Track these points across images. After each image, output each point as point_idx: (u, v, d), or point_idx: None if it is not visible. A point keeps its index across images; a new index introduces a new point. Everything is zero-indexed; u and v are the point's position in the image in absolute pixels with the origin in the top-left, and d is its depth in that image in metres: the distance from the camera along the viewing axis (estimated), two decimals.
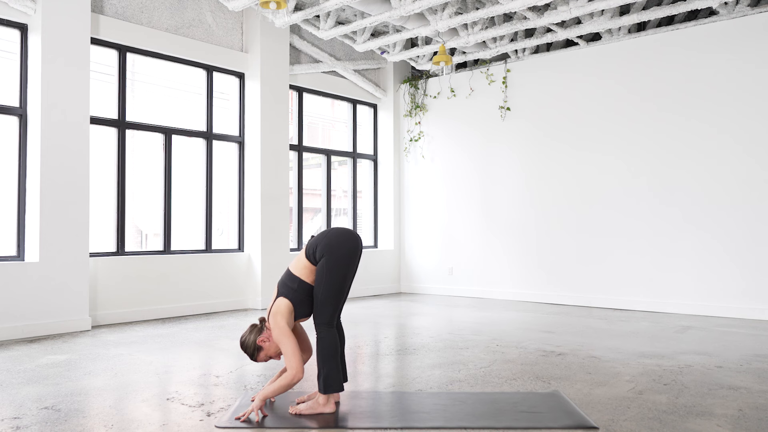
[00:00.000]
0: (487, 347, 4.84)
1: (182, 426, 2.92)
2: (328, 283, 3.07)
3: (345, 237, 3.17)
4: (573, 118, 7.56)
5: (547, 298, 7.71)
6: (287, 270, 3.24)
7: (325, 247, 3.11)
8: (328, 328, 3.09)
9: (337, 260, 3.09)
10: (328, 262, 3.08)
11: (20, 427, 2.91)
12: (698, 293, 6.62)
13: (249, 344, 3.17)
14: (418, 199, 9.01)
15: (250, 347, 3.17)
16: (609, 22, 6.75)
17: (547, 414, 3.08)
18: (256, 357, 3.19)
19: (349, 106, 8.93)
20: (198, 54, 6.88)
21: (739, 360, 4.34)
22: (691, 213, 6.69)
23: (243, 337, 3.21)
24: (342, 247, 3.12)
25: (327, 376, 3.05)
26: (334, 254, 3.09)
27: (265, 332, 3.18)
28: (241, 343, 3.20)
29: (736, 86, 6.46)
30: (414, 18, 7.02)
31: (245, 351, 3.19)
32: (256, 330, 3.20)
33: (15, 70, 5.64)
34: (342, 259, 3.10)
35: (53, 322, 5.49)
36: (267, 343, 3.17)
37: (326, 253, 3.09)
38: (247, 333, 3.21)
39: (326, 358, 3.06)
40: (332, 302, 3.09)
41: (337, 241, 3.13)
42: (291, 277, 3.16)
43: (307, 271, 3.15)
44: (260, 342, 3.16)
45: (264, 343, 3.16)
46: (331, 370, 3.05)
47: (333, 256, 3.09)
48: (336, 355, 3.08)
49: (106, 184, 6.30)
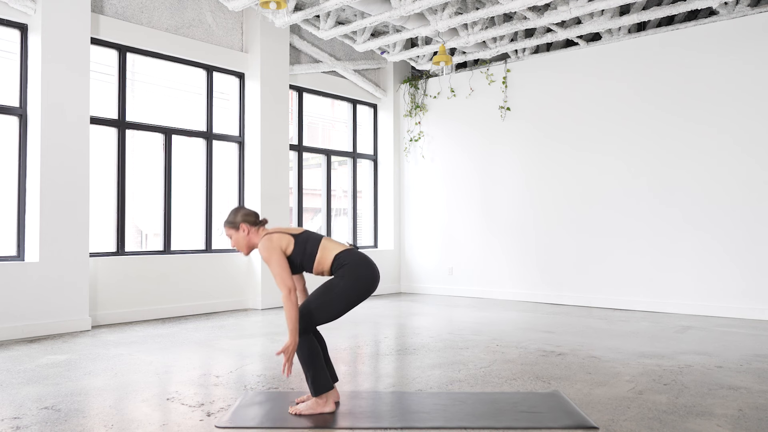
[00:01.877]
0: (487, 347, 4.84)
1: (182, 426, 2.92)
2: (329, 302, 3.04)
3: (372, 274, 3.11)
4: (573, 118, 7.56)
5: (547, 298, 7.71)
6: (320, 237, 3.17)
7: (350, 270, 3.07)
8: (305, 335, 3.05)
9: (352, 289, 3.06)
10: (345, 286, 3.05)
11: (20, 427, 2.91)
12: (698, 293, 6.62)
13: (236, 217, 3.17)
14: (418, 199, 9.01)
15: (234, 217, 3.17)
16: (609, 22, 6.75)
17: (547, 414, 3.08)
18: (228, 228, 3.18)
19: (349, 106, 8.93)
20: (198, 54, 6.88)
21: (739, 360, 4.34)
22: (691, 213, 6.69)
23: (240, 210, 3.20)
24: (362, 280, 3.08)
25: (314, 378, 3.04)
26: (354, 284, 3.06)
27: (253, 229, 3.17)
28: (233, 210, 3.21)
29: (736, 86, 6.46)
30: (414, 18, 7.02)
31: (228, 215, 3.21)
32: (252, 217, 3.19)
33: (15, 70, 5.64)
34: (357, 291, 3.07)
35: (53, 322, 5.49)
36: (244, 234, 3.16)
37: (347, 276, 3.06)
38: (244, 211, 3.20)
39: (308, 361, 3.04)
40: (322, 318, 3.06)
41: (364, 274, 3.09)
42: (314, 244, 3.11)
43: (321, 264, 3.12)
44: (242, 226, 3.15)
45: (242, 232, 3.15)
46: (317, 371, 3.04)
47: (352, 284, 3.05)
48: (318, 356, 3.06)
49: (106, 184, 6.30)
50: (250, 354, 4.62)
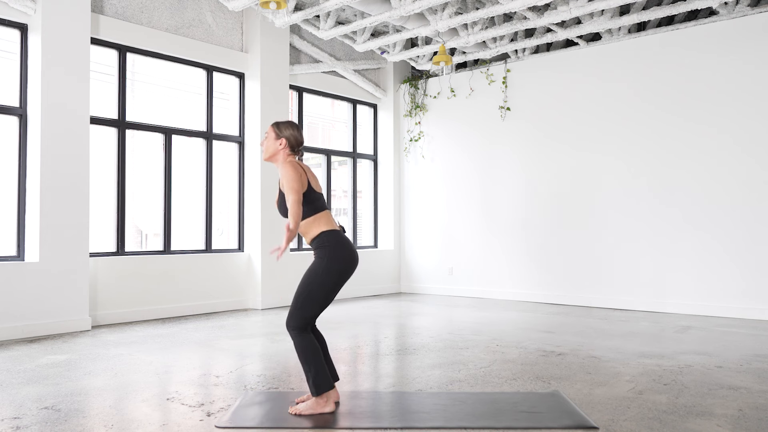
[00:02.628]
0: (487, 347, 4.84)
1: (182, 426, 2.92)
2: (314, 291, 3.04)
3: (350, 255, 3.13)
4: (573, 118, 7.56)
5: (547, 298, 7.71)
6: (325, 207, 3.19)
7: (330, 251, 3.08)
8: (304, 333, 3.06)
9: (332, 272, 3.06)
10: (324, 270, 3.05)
11: (20, 427, 2.91)
12: (698, 293, 6.62)
13: (284, 131, 3.21)
14: (418, 199, 9.01)
15: (283, 129, 3.22)
16: (609, 22, 6.75)
17: (547, 414, 3.08)
18: (272, 129, 3.23)
19: (349, 106, 8.93)
20: (198, 54, 6.88)
21: (739, 360, 4.34)
22: (691, 213, 6.69)
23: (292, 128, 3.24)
24: (341, 261, 3.09)
25: (315, 378, 3.05)
26: (334, 266, 3.06)
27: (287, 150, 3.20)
28: (290, 123, 3.26)
29: (736, 86, 6.46)
30: (414, 18, 7.02)
31: (283, 122, 3.27)
32: (294, 141, 3.22)
33: (15, 70, 5.64)
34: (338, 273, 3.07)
35: (53, 322, 5.49)
36: (278, 145, 3.20)
37: (326, 258, 3.07)
38: (295, 133, 3.23)
39: (308, 360, 3.05)
40: (314, 309, 3.06)
41: (341, 255, 3.09)
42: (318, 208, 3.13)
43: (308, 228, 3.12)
44: (283, 140, 3.20)
45: (279, 143, 3.20)
46: (317, 370, 3.05)
47: (331, 266, 3.06)
48: (318, 356, 3.07)
49: (106, 184, 6.30)
50: (250, 354, 4.62)
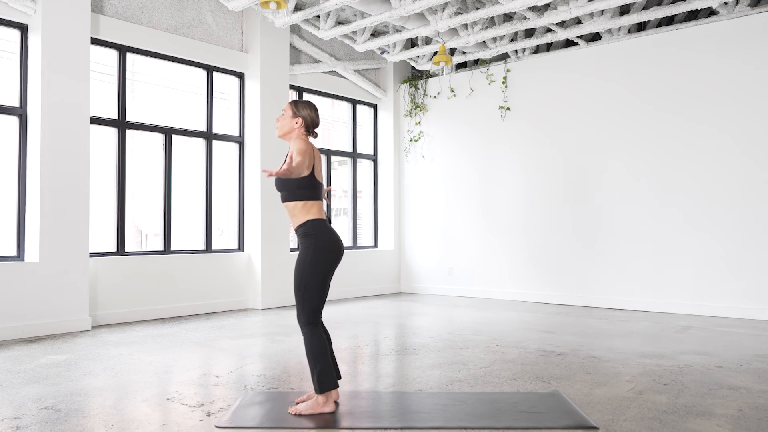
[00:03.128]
0: (487, 347, 4.84)
1: (182, 426, 2.92)
2: (308, 281, 3.07)
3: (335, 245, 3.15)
4: (573, 119, 7.56)
5: (547, 298, 7.71)
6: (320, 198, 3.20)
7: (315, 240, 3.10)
8: (314, 327, 3.09)
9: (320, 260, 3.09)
10: (311, 260, 3.07)
11: (20, 427, 2.91)
12: (698, 293, 6.62)
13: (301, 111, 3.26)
14: (418, 199, 9.01)
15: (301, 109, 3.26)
16: (609, 22, 6.75)
17: (547, 414, 3.08)
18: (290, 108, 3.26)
19: (349, 106, 8.93)
20: (198, 54, 6.88)
21: (739, 360, 4.34)
22: (691, 213, 6.69)
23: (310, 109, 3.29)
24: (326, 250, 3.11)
25: (320, 375, 3.05)
26: (320, 255, 3.09)
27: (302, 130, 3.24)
28: (308, 103, 3.30)
29: (736, 86, 6.46)
30: (414, 18, 7.02)
31: (301, 102, 3.29)
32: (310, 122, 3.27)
33: (15, 70, 5.64)
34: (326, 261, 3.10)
35: (53, 322, 5.49)
36: (293, 124, 3.24)
37: (312, 247, 3.08)
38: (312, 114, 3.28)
39: (316, 357, 3.06)
40: (314, 300, 3.08)
41: (327, 245, 3.12)
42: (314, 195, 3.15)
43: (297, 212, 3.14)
44: (299, 120, 3.23)
45: (294, 122, 3.24)
46: (323, 368, 3.05)
47: (318, 255, 3.08)
48: (326, 354, 3.08)
49: (106, 184, 6.30)
50: (250, 354, 4.63)
